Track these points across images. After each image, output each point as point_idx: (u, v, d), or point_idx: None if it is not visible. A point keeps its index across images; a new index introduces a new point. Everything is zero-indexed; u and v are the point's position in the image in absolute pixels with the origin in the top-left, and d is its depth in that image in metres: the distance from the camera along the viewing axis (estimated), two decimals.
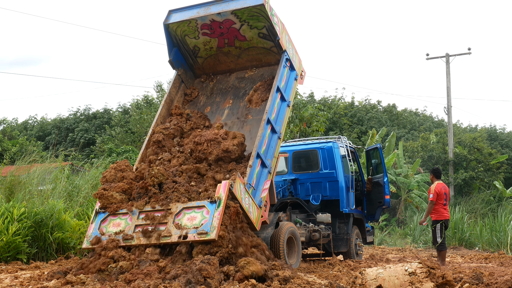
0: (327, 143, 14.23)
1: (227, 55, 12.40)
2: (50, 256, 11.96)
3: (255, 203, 9.88)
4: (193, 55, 12.49)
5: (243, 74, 12.51)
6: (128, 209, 9.60)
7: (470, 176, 31.78)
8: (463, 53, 33.72)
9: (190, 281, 7.62)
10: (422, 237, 23.29)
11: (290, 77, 11.81)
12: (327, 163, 14.04)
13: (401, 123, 46.05)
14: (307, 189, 14.13)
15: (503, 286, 6.27)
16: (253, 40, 11.94)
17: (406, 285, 6.33)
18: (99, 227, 9.64)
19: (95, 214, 9.86)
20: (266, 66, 12.32)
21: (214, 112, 12.11)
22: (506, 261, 13.47)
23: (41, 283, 8.44)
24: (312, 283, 8.02)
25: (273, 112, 10.90)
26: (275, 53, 11.98)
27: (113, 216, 9.67)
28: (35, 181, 14.30)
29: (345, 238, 13.81)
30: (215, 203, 8.98)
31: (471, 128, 50.63)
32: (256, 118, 11.47)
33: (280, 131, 11.08)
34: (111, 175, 10.24)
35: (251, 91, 11.96)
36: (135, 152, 30.56)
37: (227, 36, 11.96)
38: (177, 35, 12.07)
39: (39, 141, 43.61)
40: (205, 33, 11.95)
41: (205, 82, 12.76)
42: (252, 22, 11.57)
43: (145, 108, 43.72)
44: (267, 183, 10.49)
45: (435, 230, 12.51)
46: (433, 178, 12.73)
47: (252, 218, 9.71)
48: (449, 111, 33.57)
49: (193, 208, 9.18)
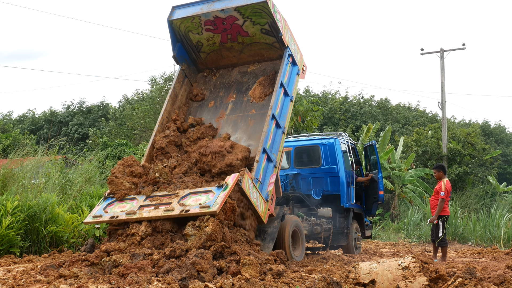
0: (329, 139, 14.55)
1: (230, 50, 12.56)
2: (43, 250, 11.93)
3: (262, 197, 10.17)
4: (196, 50, 12.66)
5: (245, 69, 12.69)
6: (135, 195, 9.99)
7: (464, 171, 31.84)
8: (458, 48, 33.74)
9: (183, 275, 7.61)
10: (416, 232, 23.32)
11: (292, 72, 12.01)
12: (329, 158, 14.36)
13: (394, 118, 46.08)
14: (308, 183, 14.41)
15: (496, 280, 6.28)
16: (255, 35, 12.11)
17: (400, 279, 6.34)
18: (104, 208, 9.96)
19: (102, 199, 10.22)
20: (268, 61, 12.53)
21: (218, 106, 12.30)
22: (499, 256, 13.51)
23: (34, 277, 8.42)
24: (305, 278, 8.02)
25: (277, 107, 11.12)
26: (277, 48, 12.16)
27: (120, 201, 10.00)
28: (28, 174, 14.25)
29: (345, 232, 14.16)
30: (221, 187, 9.34)
31: (465, 124, 50.70)
32: (259, 113, 11.71)
33: (284, 126, 11.33)
34: (120, 171, 10.52)
35: (254, 86, 12.19)
36: (129, 146, 30.50)
37: (230, 32, 12.12)
38: (181, 30, 12.22)
39: (31, 134, 43.49)
40: (208, 29, 12.11)
41: (207, 77, 12.95)
42: (255, 18, 11.73)
43: (136, 103, 43.67)
44: (273, 177, 10.80)
45: (437, 225, 12.53)
46: (442, 174, 12.79)
47: (260, 212, 10.04)
48: (443, 106, 33.60)
49: (200, 192, 9.54)
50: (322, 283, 6.57)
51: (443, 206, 12.45)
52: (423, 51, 34.49)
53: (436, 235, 12.56)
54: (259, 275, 7.96)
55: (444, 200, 12.43)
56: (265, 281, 7.65)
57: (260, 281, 7.66)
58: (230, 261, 8.35)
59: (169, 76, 44.15)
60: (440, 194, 12.51)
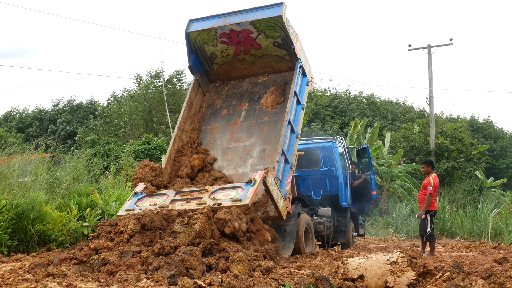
0: (327, 143, 15.35)
1: (242, 62, 13.28)
2: (32, 249, 11.87)
3: (282, 195, 10.80)
4: (209, 62, 13.37)
5: (256, 80, 13.43)
6: (165, 190, 10.77)
7: (452, 166, 31.97)
8: (445, 44, 33.87)
9: (172, 272, 7.61)
10: (404, 227, 23.43)
11: (303, 83, 12.74)
12: (327, 161, 15.13)
13: (382, 114, 46.20)
14: (308, 185, 15.15)
15: (483, 274, 6.32)
16: (267, 48, 12.82)
17: (388, 274, 6.36)
18: (136, 203, 10.57)
19: (133, 194, 10.89)
20: (278, 73, 13.28)
21: (232, 114, 13.03)
22: (487, 250, 13.57)
23: (22, 276, 8.37)
24: (294, 273, 8.04)
25: (292, 114, 11.85)
26: (287, 60, 12.91)
27: (150, 197, 10.68)
28: (16, 173, 14.16)
29: (343, 230, 15.03)
30: (250, 183, 10.08)
31: (452, 119, 50.88)
32: (273, 120, 12.50)
33: (297, 131, 12.04)
34: (142, 173, 11.29)
35: (266, 95, 12.92)
36: (117, 144, 30.42)
37: (244, 44, 12.82)
38: (196, 42, 12.90)
39: (19, 133, 43.25)
40: (223, 41, 12.80)
41: (219, 87, 13.67)
42: (269, 32, 12.43)
43: (123, 100, 43.52)
44: (289, 177, 11.52)
45: (425, 220, 12.57)
46: (430, 169, 12.85)
47: (280, 208, 10.64)
48: (431, 102, 33.73)
49: (229, 188, 10.31)
50: (311, 278, 6.58)
51: (430, 201, 12.50)
52: (410, 47, 34.61)
53: (424, 230, 12.60)
54: (248, 272, 7.96)
55: (432, 195, 12.48)
56: (254, 277, 7.65)
57: (249, 277, 7.66)
58: (219, 257, 8.36)
59: (156, 73, 44.04)
60: (427, 189, 12.56)
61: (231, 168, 12.18)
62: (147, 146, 29.51)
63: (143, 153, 29.08)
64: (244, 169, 12.05)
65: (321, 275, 6.61)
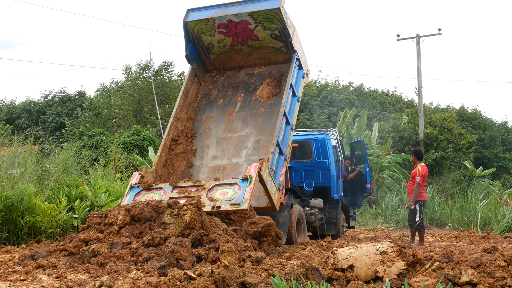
0: (320, 135, 15.39)
1: (239, 52, 13.37)
2: (21, 240, 11.85)
3: (275, 186, 10.89)
4: (206, 51, 13.47)
5: (252, 71, 13.51)
6: (161, 184, 10.72)
7: (441, 156, 32.08)
8: (433, 34, 33.92)
9: (162, 263, 7.60)
10: (394, 217, 23.51)
11: (299, 75, 12.86)
12: (320, 153, 15.16)
13: (371, 104, 46.25)
14: (300, 176, 15.17)
15: (472, 264, 6.34)
16: (265, 40, 12.93)
17: (378, 264, 6.38)
18: (133, 199, 10.58)
19: (129, 188, 10.86)
20: (274, 64, 13.38)
21: (227, 104, 13.11)
22: (476, 240, 13.64)
23: (12, 267, 8.34)
24: (284, 264, 8.05)
25: (287, 106, 11.92)
26: (283, 52, 13.03)
27: (147, 190, 10.70)
28: (5, 164, 14.10)
29: (334, 221, 15.10)
30: (246, 181, 10.08)
31: (441, 109, 51.00)
32: (268, 111, 12.59)
33: (292, 123, 12.15)
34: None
35: (262, 86, 13.01)
36: (106, 135, 30.30)
37: (241, 35, 12.92)
38: (194, 32, 12.99)
39: (7, 124, 43.00)
40: (221, 31, 12.91)
41: (215, 77, 13.75)
42: (267, 24, 12.52)
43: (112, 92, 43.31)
44: (283, 168, 11.61)
45: (414, 210, 12.61)
46: (416, 160, 12.87)
47: (274, 199, 10.79)
48: (420, 92, 33.79)
49: (225, 184, 10.26)
50: (301, 269, 6.59)
51: (419, 191, 12.55)
52: (399, 37, 34.64)
53: (413, 220, 12.66)
54: (238, 262, 7.97)
55: (420, 185, 12.53)
56: (244, 268, 7.65)
57: (239, 268, 7.67)
58: (209, 248, 8.35)
59: (146, 65, 43.83)
60: (415, 180, 12.60)
61: (225, 158, 12.26)
62: (136, 138, 29.44)
63: (132, 145, 29.02)
64: (239, 159, 12.13)
65: (311, 265, 6.62)
